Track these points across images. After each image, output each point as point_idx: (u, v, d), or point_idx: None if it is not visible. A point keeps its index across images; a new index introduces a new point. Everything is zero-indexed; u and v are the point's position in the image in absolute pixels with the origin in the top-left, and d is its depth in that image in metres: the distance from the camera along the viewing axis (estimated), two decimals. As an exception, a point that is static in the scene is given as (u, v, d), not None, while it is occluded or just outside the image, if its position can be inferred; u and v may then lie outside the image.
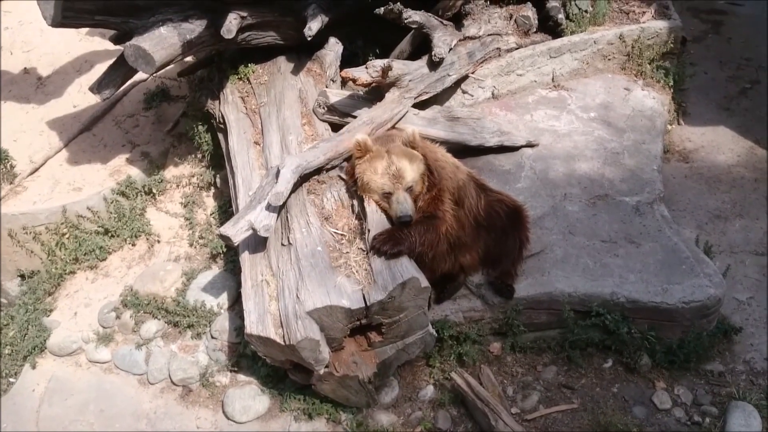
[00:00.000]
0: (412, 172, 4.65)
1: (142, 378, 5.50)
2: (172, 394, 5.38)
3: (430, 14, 5.93)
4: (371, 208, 4.69)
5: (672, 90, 6.76)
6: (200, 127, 6.45)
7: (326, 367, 4.51)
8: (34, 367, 5.66)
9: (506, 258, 5.12)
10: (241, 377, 5.31)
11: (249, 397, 5.14)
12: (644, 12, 6.87)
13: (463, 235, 4.93)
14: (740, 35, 7.87)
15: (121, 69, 5.66)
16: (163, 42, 5.29)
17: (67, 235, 6.26)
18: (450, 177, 4.93)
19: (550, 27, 6.82)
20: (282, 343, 4.29)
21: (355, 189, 4.81)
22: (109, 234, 6.28)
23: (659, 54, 6.76)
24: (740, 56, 7.59)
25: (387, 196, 4.65)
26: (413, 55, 6.12)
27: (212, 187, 6.60)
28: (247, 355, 5.25)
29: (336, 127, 5.56)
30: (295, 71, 6.05)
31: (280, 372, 5.02)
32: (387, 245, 4.46)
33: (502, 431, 4.53)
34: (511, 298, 5.06)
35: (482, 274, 5.23)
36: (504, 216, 5.08)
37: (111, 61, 5.77)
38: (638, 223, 5.43)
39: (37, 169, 6.68)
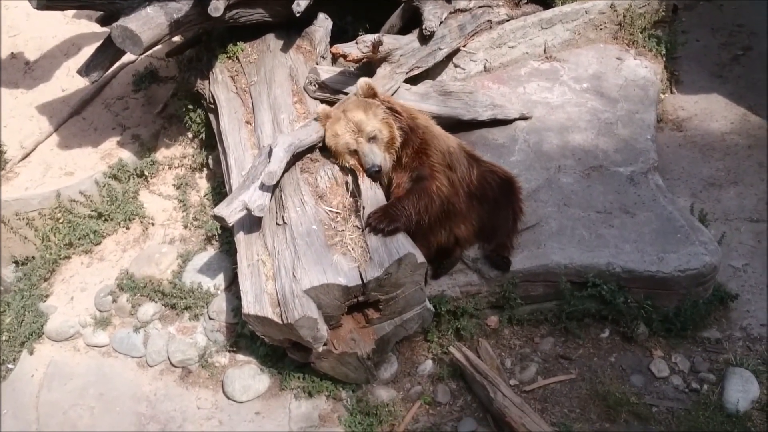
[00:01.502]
0: (370, 120, 4.65)
1: (140, 361, 5.51)
2: (171, 375, 5.39)
3: (420, -14, 5.87)
4: (365, 185, 4.68)
5: (664, 58, 6.73)
6: (190, 108, 6.40)
7: (325, 344, 4.52)
8: (32, 353, 5.66)
9: (501, 230, 5.11)
10: (240, 357, 5.33)
11: (248, 377, 5.15)
12: (635, -20, 6.82)
13: (457, 201, 4.89)
14: (732, 2, 7.80)
15: (108, 51, 5.59)
16: (150, 22, 5.22)
17: (60, 220, 6.23)
18: (435, 135, 4.91)
19: (541, -3, 6.78)
20: (280, 322, 4.29)
21: (335, 161, 4.88)
22: (103, 218, 6.26)
23: (651, 22, 6.72)
24: (732, 23, 7.54)
25: (355, 153, 4.68)
26: (404, 30, 6.06)
27: (205, 168, 6.57)
28: (245, 335, 5.26)
29: (328, 104, 5.50)
30: (285, 48, 6.00)
31: (279, 351, 5.03)
32: (383, 223, 4.45)
33: (501, 403, 4.55)
34: (508, 270, 5.06)
35: (478, 248, 5.23)
36: (496, 187, 5.08)
37: (98, 44, 5.70)
38: (633, 193, 5.42)
39: (28, 155, 6.63)
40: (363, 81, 4.88)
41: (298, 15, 5.56)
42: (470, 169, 5.01)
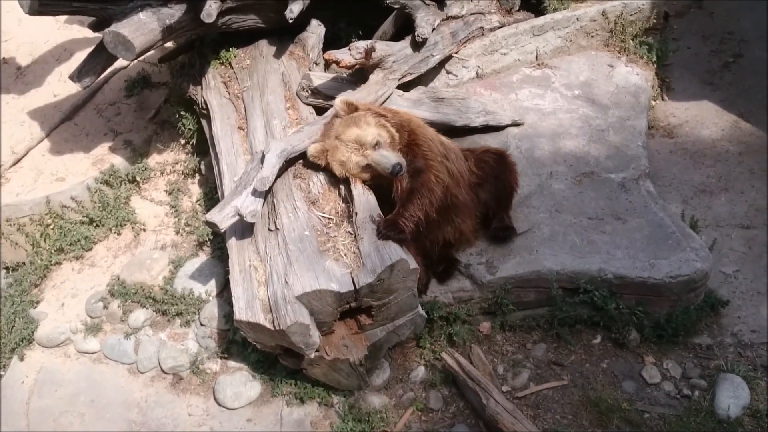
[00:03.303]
0: (366, 131, 4.61)
1: (131, 367, 5.49)
2: (162, 382, 5.37)
3: (412, -6, 5.88)
4: (358, 191, 4.67)
5: (655, 65, 6.76)
6: (183, 114, 6.39)
7: (317, 351, 4.51)
8: (22, 359, 5.63)
9: (501, 205, 5.23)
10: (232, 364, 5.31)
11: (240, 384, 5.13)
12: (627, -13, 6.85)
13: (459, 193, 4.91)
14: (722, 9, 7.84)
15: (100, 56, 5.59)
16: (143, 28, 5.22)
17: (51, 226, 6.20)
18: (420, 125, 4.95)
19: (532, 5, 6.79)
20: (272, 328, 4.28)
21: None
22: (94, 224, 6.23)
23: (642, 30, 6.75)
24: (723, 30, 7.58)
25: (368, 168, 4.65)
26: (396, 36, 6.07)
27: (197, 174, 6.56)
28: (237, 342, 5.24)
29: (320, 110, 5.52)
30: (278, 55, 6.00)
31: (271, 357, 5.01)
32: (393, 231, 4.46)
33: (494, 409, 4.55)
34: (515, 235, 5.18)
35: (470, 254, 5.23)
36: (494, 163, 5.22)
37: (90, 49, 5.69)
38: (624, 200, 5.44)
39: (19, 160, 6.60)
40: (340, 100, 4.82)
41: (290, 21, 5.57)
42: (468, 161, 5.10)
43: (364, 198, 4.67)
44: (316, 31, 6.09)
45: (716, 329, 5.11)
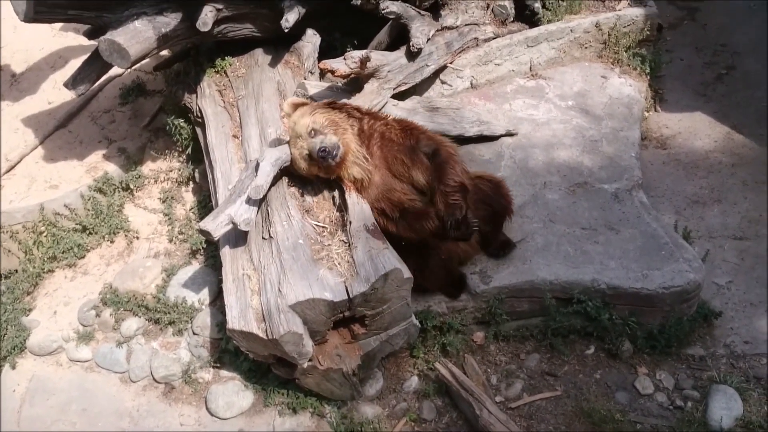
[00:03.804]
0: (299, 122, 4.58)
1: (123, 376, 5.47)
2: (154, 391, 5.34)
3: (407, 5, 5.90)
4: (352, 200, 4.67)
5: (649, 77, 6.79)
6: (177, 122, 6.39)
7: (310, 360, 4.50)
8: (14, 368, 5.60)
9: (496, 229, 5.20)
10: (224, 373, 5.29)
11: (232, 393, 5.11)
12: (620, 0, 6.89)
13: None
14: (716, 21, 7.91)
15: (95, 64, 5.59)
16: (138, 36, 5.22)
17: (44, 234, 6.18)
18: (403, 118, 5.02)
19: (526, 16, 6.82)
20: (265, 337, 4.27)
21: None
22: (87, 231, 6.22)
23: (635, 41, 6.79)
24: (716, 42, 7.64)
25: (310, 157, 4.57)
26: (391, 46, 6.10)
27: (191, 182, 6.55)
28: (229, 351, 5.22)
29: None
30: (273, 63, 6.01)
31: (263, 367, 5.00)
32: (456, 211, 4.47)
33: (487, 420, 4.55)
34: (515, 248, 5.19)
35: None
36: (490, 191, 5.11)
37: (85, 57, 5.69)
38: (617, 210, 5.46)
39: (12, 167, 6.59)
40: (286, 103, 4.86)
41: (286, 31, 5.59)
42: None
43: (359, 207, 4.67)
44: (311, 40, 6.10)
45: (709, 340, 5.12)
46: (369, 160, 4.68)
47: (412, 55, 5.94)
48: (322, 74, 5.96)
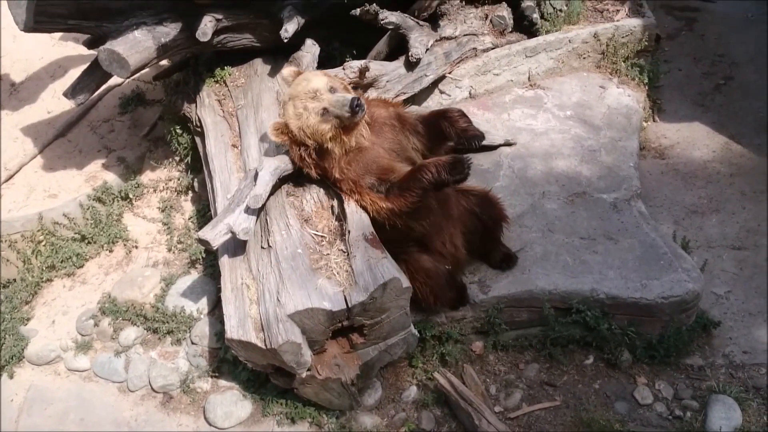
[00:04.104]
0: (316, 80, 4.47)
1: (122, 385, 5.45)
2: (152, 401, 5.33)
3: (406, 15, 5.93)
4: (351, 209, 4.67)
5: (647, 87, 6.80)
6: (177, 131, 6.40)
7: (308, 370, 4.49)
8: (12, 377, 5.59)
9: (492, 241, 5.16)
10: (223, 383, 5.28)
11: (231, 403, 5.10)
12: (618, 10, 6.91)
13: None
14: (713, 32, 7.94)
15: (95, 73, 5.60)
16: (138, 46, 5.24)
17: (43, 243, 6.18)
18: None
19: (525, 26, 6.84)
20: (263, 347, 4.26)
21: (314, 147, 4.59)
22: (86, 240, 6.22)
23: (634, 52, 6.81)
24: (714, 53, 7.66)
25: (326, 115, 4.39)
26: (390, 56, 6.12)
27: (190, 191, 6.56)
28: (228, 360, 5.21)
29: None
30: (272, 73, 6.02)
31: (262, 376, 4.99)
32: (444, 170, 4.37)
33: (486, 430, 4.54)
34: (517, 259, 5.16)
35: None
36: (476, 206, 5.05)
37: (85, 66, 5.70)
38: (616, 220, 5.46)
39: (11, 176, 6.59)
40: (286, 70, 4.74)
41: (285, 41, 5.61)
42: None
43: (357, 216, 4.67)
44: (310, 50, 6.11)
45: (708, 350, 5.12)
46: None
47: (410, 65, 5.96)
48: (321, 84, 5.96)
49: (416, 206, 4.49)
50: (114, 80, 6.20)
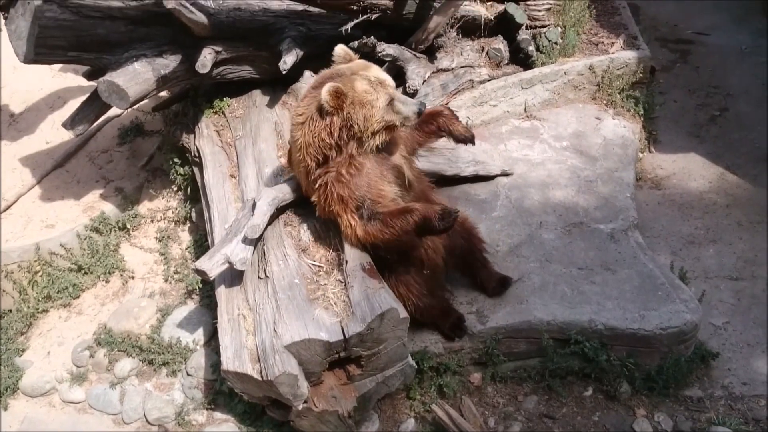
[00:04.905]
0: (376, 72, 4.34)
1: (116, 418, 5.40)
2: (147, 433, 5.28)
3: (403, 47, 6.00)
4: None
5: (642, 118, 6.86)
6: (175, 161, 6.42)
7: (305, 402, 4.45)
8: (6, 409, 5.54)
9: (477, 267, 5.15)
10: (218, 415, 5.23)
11: (226, 435, 5.06)
12: (613, 43, 6.99)
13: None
14: (708, 64, 8.03)
15: (94, 104, 5.64)
16: (137, 77, 5.29)
17: (39, 273, 6.16)
18: None
19: (521, 59, 6.91)
20: (259, 378, 4.23)
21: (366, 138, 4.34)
22: (83, 271, 6.20)
23: (629, 83, 6.87)
24: (708, 84, 7.74)
25: (390, 111, 4.26)
26: (388, 88, 6.16)
27: (188, 222, 6.56)
28: (223, 392, 5.17)
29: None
30: (271, 104, 6.07)
31: (258, 409, 4.95)
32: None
33: (484, 463, 4.49)
34: (511, 281, 5.15)
35: (460, 303, 5.22)
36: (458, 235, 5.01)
37: (84, 97, 5.75)
38: (613, 250, 5.46)
39: (9, 207, 6.60)
40: (341, 48, 4.60)
41: (284, 72, 5.66)
42: None
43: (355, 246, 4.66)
44: (309, 81, 6.15)
45: (707, 381, 5.09)
46: None
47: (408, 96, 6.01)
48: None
49: (390, 243, 4.47)
50: (113, 111, 6.24)
